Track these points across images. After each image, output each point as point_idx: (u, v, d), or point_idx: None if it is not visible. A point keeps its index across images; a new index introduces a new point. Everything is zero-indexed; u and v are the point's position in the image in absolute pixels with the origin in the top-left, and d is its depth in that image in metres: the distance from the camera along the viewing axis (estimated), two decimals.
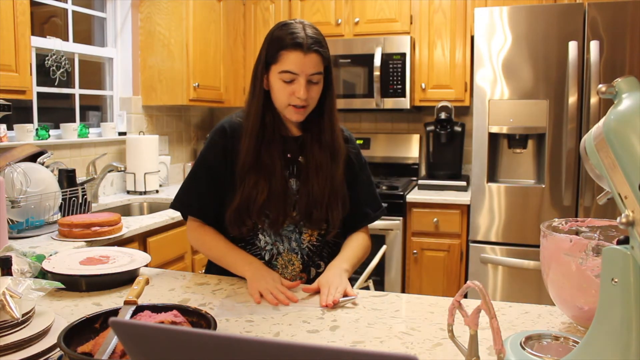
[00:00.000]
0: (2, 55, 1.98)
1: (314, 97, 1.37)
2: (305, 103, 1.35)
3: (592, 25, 2.63)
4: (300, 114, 1.38)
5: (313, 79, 1.34)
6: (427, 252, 3.10)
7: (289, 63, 1.32)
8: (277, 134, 1.42)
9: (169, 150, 3.65)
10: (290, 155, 1.44)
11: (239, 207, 1.38)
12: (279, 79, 1.35)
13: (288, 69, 1.32)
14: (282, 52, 1.32)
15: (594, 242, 0.98)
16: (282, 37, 1.33)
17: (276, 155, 1.40)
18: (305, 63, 1.31)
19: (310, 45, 1.31)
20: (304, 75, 1.33)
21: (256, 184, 1.37)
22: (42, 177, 2.12)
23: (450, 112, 3.29)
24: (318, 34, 1.36)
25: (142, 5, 3.28)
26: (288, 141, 1.44)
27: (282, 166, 1.41)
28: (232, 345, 0.49)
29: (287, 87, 1.34)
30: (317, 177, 1.40)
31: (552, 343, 0.95)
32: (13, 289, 0.96)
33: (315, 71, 1.34)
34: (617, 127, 0.75)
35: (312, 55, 1.32)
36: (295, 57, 1.31)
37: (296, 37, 1.31)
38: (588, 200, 2.68)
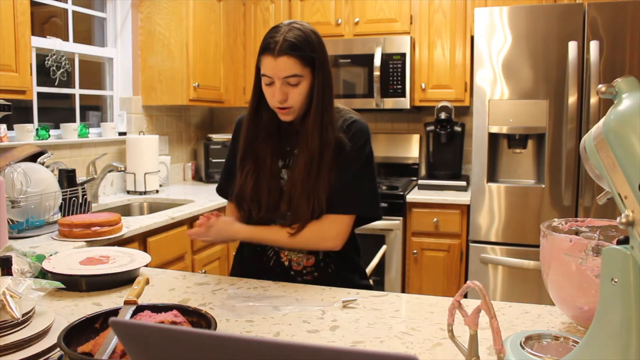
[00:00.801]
0: (2, 55, 1.98)
1: (295, 98, 1.39)
2: (284, 105, 1.39)
3: (592, 25, 2.63)
4: (286, 114, 1.42)
5: (290, 82, 1.37)
6: (427, 252, 3.10)
7: (265, 67, 1.38)
8: (274, 128, 1.48)
9: (169, 150, 3.65)
10: (289, 148, 1.50)
11: (236, 192, 1.50)
12: (263, 82, 1.41)
13: (264, 72, 1.38)
14: (261, 56, 1.39)
15: (594, 242, 0.98)
16: (263, 41, 1.40)
17: (269, 147, 1.47)
18: (276, 66, 1.35)
19: (282, 49, 1.34)
20: (277, 79, 1.36)
21: (248, 173, 1.47)
22: (42, 177, 2.12)
23: (450, 112, 3.29)
24: (299, 37, 1.36)
25: (142, 5, 3.28)
26: (289, 134, 1.49)
27: (275, 159, 1.48)
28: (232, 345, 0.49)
29: (268, 89, 1.40)
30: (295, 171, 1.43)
31: (552, 343, 0.95)
32: (13, 289, 0.96)
33: (289, 74, 1.35)
34: (617, 127, 0.75)
35: (282, 59, 1.34)
36: (268, 61, 1.36)
37: (270, 42, 1.36)
38: (588, 200, 2.68)
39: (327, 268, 1.51)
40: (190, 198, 2.97)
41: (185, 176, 3.82)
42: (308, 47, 1.37)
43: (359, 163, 1.47)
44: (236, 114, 4.20)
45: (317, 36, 1.42)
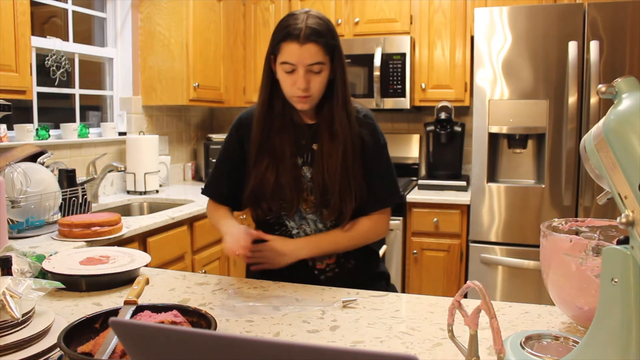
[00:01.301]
0: (2, 55, 1.98)
1: (316, 86, 1.38)
2: (306, 93, 1.37)
3: (592, 25, 2.63)
4: (304, 103, 1.40)
5: (313, 69, 1.35)
6: (427, 252, 3.10)
7: (287, 54, 1.34)
8: (287, 120, 1.45)
9: (169, 150, 3.65)
10: (304, 142, 1.46)
11: (252, 190, 1.45)
12: (281, 70, 1.38)
13: (286, 60, 1.34)
14: (282, 43, 1.35)
15: (594, 242, 0.98)
16: (282, 28, 1.35)
17: (286, 141, 1.43)
18: (301, 54, 1.32)
19: (307, 35, 1.31)
20: (302, 66, 1.34)
21: (266, 169, 1.42)
22: (42, 177, 2.12)
23: (450, 112, 3.29)
24: (320, 24, 1.35)
25: (142, 5, 3.28)
26: (302, 128, 1.47)
27: (293, 152, 1.44)
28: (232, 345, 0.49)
29: (288, 77, 1.37)
30: (328, 166, 1.41)
31: (552, 343, 0.95)
32: (13, 289, 0.96)
33: (314, 61, 1.34)
34: (617, 127, 0.75)
35: (308, 45, 1.32)
36: (292, 48, 1.33)
37: (293, 29, 1.33)
38: (588, 200, 2.68)
39: (348, 263, 1.51)
40: (190, 198, 2.97)
41: (185, 176, 3.82)
42: (330, 35, 1.37)
43: (385, 153, 1.51)
44: (236, 114, 4.18)
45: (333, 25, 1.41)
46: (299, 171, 1.44)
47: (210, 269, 2.80)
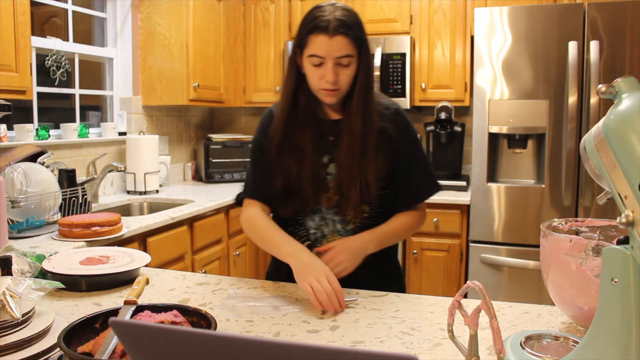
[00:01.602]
0: (2, 55, 1.98)
1: (344, 79, 1.35)
2: (335, 86, 1.34)
3: (592, 25, 2.63)
4: (332, 97, 1.37)
5: (342, 62, 1.33)
6: (427, 252, 3.10)
7: (315, 47, 1.31)
8: (311, 115, 1.42)
9: (169, 150, 3.65)
10: (331, 139, 1.42)
11: (282, 186, 1.41)
12: (309, 63, 1.35)
13: (315, 52, 1.32)
14: (310, 36, 1.32)
15: (594, 242, 0.98)
16: (310, 21, 1.33)
17: (308, 136, 1.40)
18: (330, 46, 1.30)
19: (336, 27, 1.29)
20: (331, 59, 1.31)
21: (288, 167, 1.39)
22: (42, 177, 2.12)
23: (450, 112, 3.29)
24: (349, 16, 1.33)
25: (142, 5, 3.28)
26: (327, 124, 1.43)
27: (316, 149, 1.40)
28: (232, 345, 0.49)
29: (316, 70, 1.34)
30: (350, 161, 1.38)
31: (552, 343, 0.95)
32: (13, 289, 0.96)
33: (343, 54, 1.31)
34: (617, 127, 0.75)
35: (338, 38, 1.29)
36: (320, 40, 1.30)
37: (321, 21, 1.30)
38: (588, 200, 2.68)
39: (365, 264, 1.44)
40: (190, 198, 2.97)
41: (185, 176, 3.82)
42: (358, 27, 1.35)
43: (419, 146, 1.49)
44: (236, 114, 4.21)
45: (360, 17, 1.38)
46: (319, 168, 1.40)
47: (210, 269, 2.80)
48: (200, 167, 3.80)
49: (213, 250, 2.85)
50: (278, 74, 3.66)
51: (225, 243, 2.98)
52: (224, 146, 3.71)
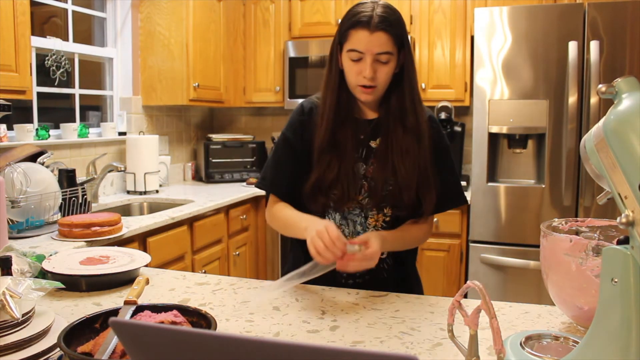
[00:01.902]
0: (2, 55, 1.98)
1: (382, 77, 1.34)
2: (372, 83, 1.33)
3: (592, 25, 2.63)
4: (369, 94, 1.36)
5: (381, 59, 1.32)
6: (427, 252, 3.10)
7: (355, 41, 1.31)
8: (350, 114, 1.41)
9: (169, 150, 3.65)
10: (362, 138, 1.41)
11: (314, 184, 1.38)
12: (347, 58, 1.34)
13: (354, 47, 1.31)
14: (351, 30, 1.31)
15: (594, 242, 0.98)
16: (351, 16, 1.32)
17: (349, 135, 1.39)
18: (371, 41, 1.29)
19: (377, 23, 1.28)
20: (370, 54, 1.30)
21: (329, 163, 1.37)
22: (42, 177, 2.12)
23: (450, 112, 3.29)
24: (390, 13, 1.32)
25: (142, 5, 3.28)
26: (360, 123, 1.42)
27: (354, 147, 1.40)
28: (232, 345, 0.49)
29: (354, 66, 1.33)
30: (403, 162, 1.36)
31: (552, 343, 0.95)
32: (13, 289, 0.96)
33: (382, 50, 1.30)
34: (617, 127, 0.75)
35: (378, 34, 1.29)
36: (361, 35, 1.30)
37: (363, 16, 1.30)
38: (588, 200, 2.68)
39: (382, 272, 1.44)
40: (190, 198, 2.97)
41: (185, 176, 3.82)
42: (399, 25, 1.34)
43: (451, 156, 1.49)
44: (236, 114, 4.20)
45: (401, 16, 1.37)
46: (357, 165, 1.40)
47: (210, 269, 2.80)
48: (200, 167, 3.80)
49: (213, 250, 2.85)
50: (278, 74, 3.66)
51: (225, 243, 2.98)
52: (224, 146, 3.71)
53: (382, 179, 1.37)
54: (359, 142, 1.41)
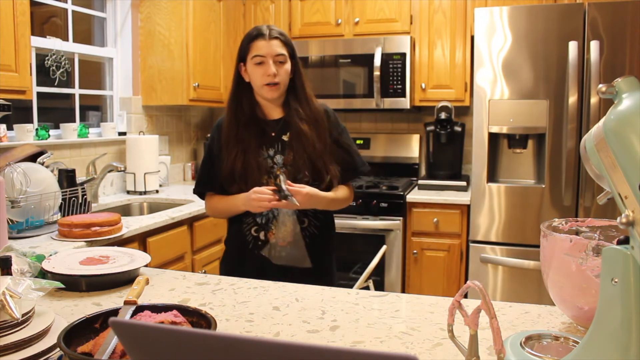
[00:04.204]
0: (2, 55, 1.98)
1: (282, 74, 1.67)
2: (276, 80, 1.66)
3: (592, 25, 2.63)
4: (274, 91, 1.68)
5: (279, 59, 1.67)
6: (427, 252, 3.10)
7: (257, 49, 1.66)
8: (253, 116, 1.72)
9: (169, 150, 3.65)
10: (273, 135, 1.71)
11: (226, 174, 1.68)
12: (252, 64, 1.67)
13: (257, 53, 1.66)
14: (251, 43, 1.68)
15: (594, 242, 0.98)
16: (250, 34, 1.70)
17: (253, 133, 1.70)
18: (269, 46, 1.66)
19: (271, 34, 1.67)
20: (270, 56, 1.65)
21: (236, 156, 1.67)
22: (42, 177, 2.12)
23: (450, 112, 3.29)
24: (280, 30, 1.71)
25: (142, 5, 3.28)
26: (268, 123, 1.73)
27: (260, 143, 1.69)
28: (232, 345, 0.49)
29: (259, 69, 1.66)
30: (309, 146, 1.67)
31: (552, 343, 0.95)
32: (13, 289, 0.96)
33: (279, 52, 1.66)
34: (617, 127, 0.75)
35: (274, 41, 1.67)
36: (261, 44, 1.66)
37: (259, 31, 1.68)
38: (588, 200, 2.68)
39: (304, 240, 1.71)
40: (190, 198, 2.97)
41: (185, 176, 3.82)
42: (287, 37, 1.72)
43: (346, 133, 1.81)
44: None
45: None
46: (264, 158, 1.69)
47: (210, 269, 2.80)
48: None
49: (213, 250, 2.85)
50: None
51: None
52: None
53: (297, 164, 1.67)
54: (271, 139, 1.71)
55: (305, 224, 1.72)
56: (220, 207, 1.76)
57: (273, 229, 1.70)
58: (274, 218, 1.70)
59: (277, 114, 1.75)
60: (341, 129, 1.81)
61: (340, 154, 1.76)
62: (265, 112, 1.76)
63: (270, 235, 1.70)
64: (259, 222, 1.71)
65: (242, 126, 1.70)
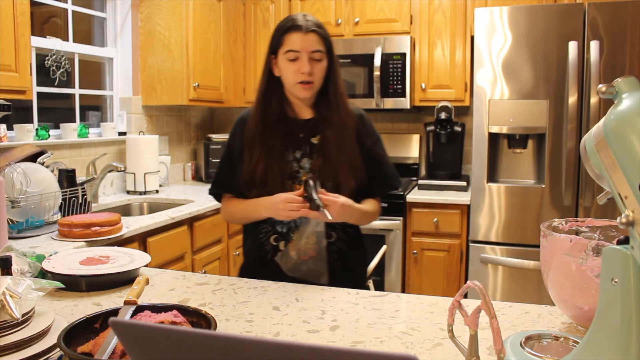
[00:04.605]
0: (2, 55, 1.98)
1: (317, 73, 1.51)
2: (310, 78, 1.50)
3: (592, 25, 2.63)
4: (307, 90, 1.52)
5: (315, 57, 1.50)
6: (427, 252, 3.10)
7: (291, 43, 1.49)
8: (282, 115, 1.56)
9: (169, 150, 3.65)
10: (302, 136, 1.56)
11: (245, 177, 1.54)
12: (285, 60, 1.50)
13: (291, 48, 1.49)
14: (285, 35, 1.50)
15: (594, 242, 0.98)
16: (284, 24, 1.52)
17: (278, 134, 1.54)
18: (305, 41, 1.48)
19: (309, 26, 1.49)
20: (305, 52, 1.48)
21: (258, 159, 1.52)
22: (42, 177, 2.12)
23: (450, 112, 3.29)
24: (318, 22, 1.53)
25: (142, 5, 3.28)
26: (298, 123, 1.58)
27: (285, 145, 1.54)
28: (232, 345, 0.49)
29: (292, 65, 1.50)
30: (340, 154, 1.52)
31: (552, 343, 0.95)
32: (13, 289, 0.96)
33: (316, 49, 1.50)
34: (617, 127, 0.75)
35: (311, 34, 1.49)
36: (296, 37, 1.49)
37: (295, 22, 1.50)
38: (588, 200, 2.68)
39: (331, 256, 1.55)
40: (190, 198, 2.97)
41: (185, 176, 3.82)
42: (326, 31, 1.54)
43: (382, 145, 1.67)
44: (236, 114, 4.19)
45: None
46: (286, 163, 1.54)
47: (210, 269, 2.80)
48: (200, 167, 3.80)
49: (213, 250, 2.85)
50: None
51: (225, 243, 2.98)
52: (224, 146, 3.71)
53: (325, 170, 1.52)
54: (299, 140, 1.56)
55: (332, 238, 1.55)
56: (239, 211, 1.59)
57: (294, 239, 1.54)
58: (296, 227, 1.54)
59: (308, 114, 1.59)
60: (375, 137, 1.65)
61: (372, 166, 1.59)
62: (296, 111, 1.59)
63: (291, 247, 1.54)
64: (279, 230, 1.55)
65: (269, 126, 1.55)
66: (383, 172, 1.63)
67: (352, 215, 1.48)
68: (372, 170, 1.59)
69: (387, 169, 1.64)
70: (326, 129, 1.54)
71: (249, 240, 1.65)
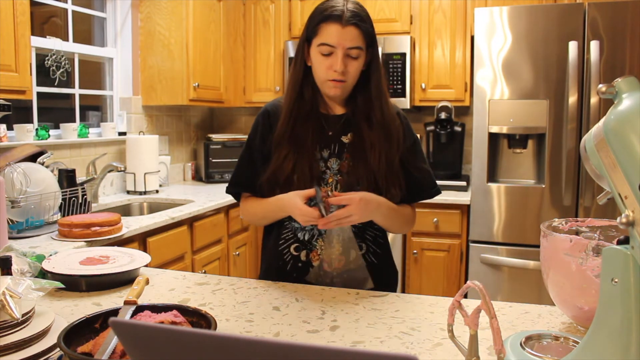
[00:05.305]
0: (2, 55, 1.98)
1: (351, 72, 1.35)
2: (342, 77, 1.34)
3: (592, 25, 2.63)
4: (338, 89, 1.36)
5: (351, 54, 1.33)
6: (427, 252, 3.10)
7: (327, 35, 1.31)
8: (315, 109, 1.41)
9: (169, 150, 3.64)
10: (331, 134, 1.41)
11: (270, 176, 1.39)
12: (317, 52, 1.34)
13: (326, 41, 1.31)
14: (322, 24, 1.32)
15: (594, 242, 0.98)
16: (322, 11, 1.33)
17: (310, 130, 1.39)
18: (342, 35, 1.30)
19: (349, 18, 1.29)
20: (341, 48, 1.31)
21: (286, 156, 1.37)
22: (42, 177, 2.12)
23: (450, 112, 3.29)
24: (361, 10, 1.33)
25: (142, 5, 3.28)
26: (329, 119, 1.43)
27: (315, 142, 1.39)
28: (232, 345, 0.49)
29: (325, 60, 1.33)
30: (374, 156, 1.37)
31: (552, 343, 0.95)
32: (13, 289, 0.96)
33: (354, 45, 1.31)
34: (617, 127, 0.75)
35: (350, 28, 1.30)
36: (332, 29, 1.30)
37: (334, 10, 1.30)
38: (588, 200, 2.68)
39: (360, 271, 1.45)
40: (190, 198, 2.97)
41: (185, 176, 3.81)
42: (369, 22, 1.35)
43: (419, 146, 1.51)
44: (236, 114, 4.20)
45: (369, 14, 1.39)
46: (316, 161, 1.39)
47: (210, 269, 2.80)
48: (200, 167, 3.80)
49: (213, 250, 2.85)
50: (278, 74, 3.66)
51: (225, 243, 2.98)
52: (224, 146, 3.71)
53: (356, 173, 1.38)
54: (328, 138, 1.41)
55: (363, 249, 1.44)
56: (259, 211, 1.45)
57: (318, 249, 1.41)
58: (320, 236, 1.41)
59: (340, 110, 1.44)
60: (414, 139, 1.48)
61: (409, 171, 1.45)
62: (329, 105, 1.44)
63: (314, 257, 1.41)
64: (300, 237, 1.42)
65: (301, 120, 1.39)
66: (419, 178, 1.47)
67: (377, 208, 1.33)
68: (408, 176, 1.45)
69: (424, 175, 1.49)
70: (362, 128, 1.38)
71: (268, 246, 1.52)
